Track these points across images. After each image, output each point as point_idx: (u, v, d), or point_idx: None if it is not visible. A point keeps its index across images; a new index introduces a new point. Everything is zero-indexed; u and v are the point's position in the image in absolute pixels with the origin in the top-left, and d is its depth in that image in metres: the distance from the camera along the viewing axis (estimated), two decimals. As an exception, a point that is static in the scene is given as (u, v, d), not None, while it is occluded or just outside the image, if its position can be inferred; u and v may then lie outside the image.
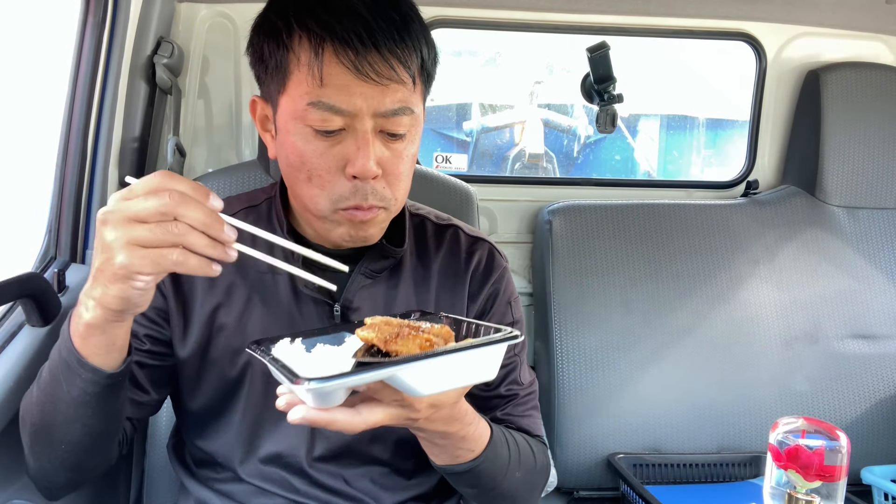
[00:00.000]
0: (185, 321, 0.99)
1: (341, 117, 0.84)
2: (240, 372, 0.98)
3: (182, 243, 0.69)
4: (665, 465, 1.75)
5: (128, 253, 0.68)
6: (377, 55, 0.82)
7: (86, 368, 0.78)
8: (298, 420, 0.70)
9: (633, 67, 2.28)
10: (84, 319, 0.75)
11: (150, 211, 0.68)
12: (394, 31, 0.83)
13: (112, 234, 0.69)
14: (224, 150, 1.80)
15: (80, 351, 0.78)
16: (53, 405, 0.83)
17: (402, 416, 0.75)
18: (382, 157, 0.87)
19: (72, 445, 0.85)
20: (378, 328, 0.72)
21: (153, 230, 0.68)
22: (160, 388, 1.01)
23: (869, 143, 1.90)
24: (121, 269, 0.69)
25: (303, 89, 0.84)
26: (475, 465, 0.88)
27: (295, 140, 0.87)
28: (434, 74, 0.94)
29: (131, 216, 0.68)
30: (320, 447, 0.99)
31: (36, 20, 1.66)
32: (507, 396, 1.06)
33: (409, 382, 0.68)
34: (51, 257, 1.35)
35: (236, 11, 1.72)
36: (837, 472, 0.94)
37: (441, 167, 3.12)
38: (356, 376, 0.66)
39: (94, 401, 0.81)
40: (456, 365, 0.70)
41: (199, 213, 0.69)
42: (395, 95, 0.85)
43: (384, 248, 0.99)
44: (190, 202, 0.69)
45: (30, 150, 1.72)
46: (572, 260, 1.82)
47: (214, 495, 1.02)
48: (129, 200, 0.69)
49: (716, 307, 1.82)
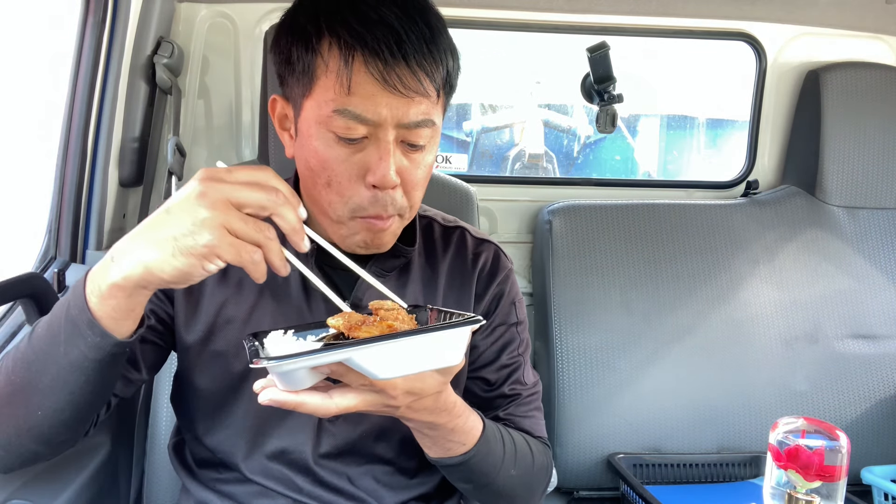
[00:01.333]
0: (193, 308, 0.99)
1: (365, 126, 0.84)
2: (245, 367, 0.98)
3: (265, 246, 0.69)
4: (665, 465, 1.75)
5: (219, 235, 0.67)
6: (405, 67, 0.83)
7: (95, 331, 0.74)
8: (267, 401, 0.72)
9: (632, 67, 2.28)
10: (112, 279, 0.71)
11: (255, 201, 0.68)
12: (423, 44, 0.84)
13: (208, 211, 0.67)
14: (224, 150, 1.80)
15: (95, 311, 0.74)
16: (43, 365, 0.78)
17: (378, 401, 0.75)
18: (401, 167, 0.88)
19: (50, 413, 0.80)
20: (347, 317, 0.74)
21: (248, 224, 0.68)
22: (151, 367, 1.01)
23: (869, 143, 1.90)
24: (205, 247, 0.67)
25: (329, 95, 0.84)
26: (467, 458, 0.89)
27: (317, 145, 0.87)
28: (456, 85, 0.95)
29: (233, 200, 0.68)
30: (326, 444, 0.99)
31: (36, 20, 1.66)
32: (509, 396, 1.06)
33: (366, 365, 0.69)
34: (51, 257, 1.36)
35: (236, 11, 1.72)
36: (837, 472, 0.94)
37: (441, 167, 3.12)
38: (310, 357, 0.67)
39: (90, 367, 0.77)
40: (412, 348, 0.70)
41: (294, 218, 0.70)
42: (420, 108, 0.85)
43: (395, 248, 0.99)
44: (289, 205, 0.70)
45: (30, 151, 1.72)
46: (572, 260, 1.82)
47: (216, 496, 1.02)
48: (228, 184, 0.68)
49: (716, 307, 1.82)
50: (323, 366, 0.70)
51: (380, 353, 0.69)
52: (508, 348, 1.07)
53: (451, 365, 0.74)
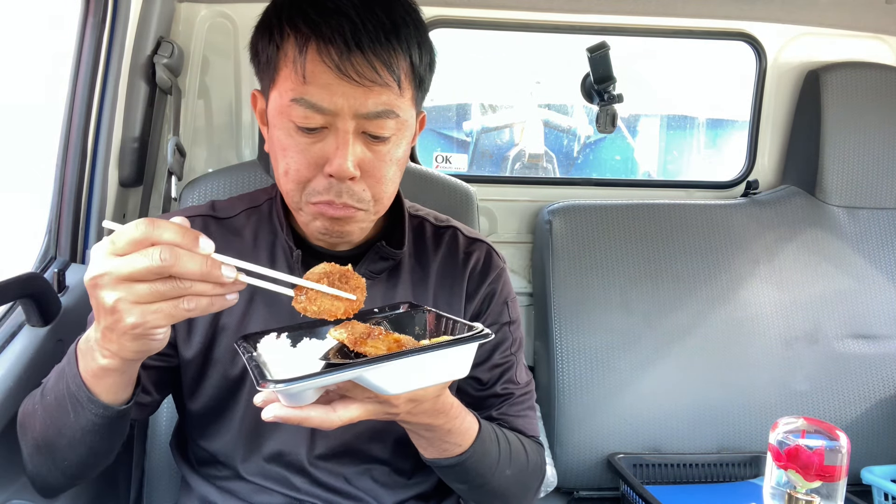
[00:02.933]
0: (189, 323, 0.99)
1: (322, 115, 0.85)
2: (241, 371, 0.99)
3: (189, 293, 0.66)
4: (665, 465, 1.75)
5: (139, 311, 0.66)
6: (360, 56, 0.83)
7: (96, 405, 0.79)
8: (271, 418, 0.71)
9: (633, 67, 2.28)
10: (100, 364, 0.75)
11: (145, 272, 0.65)
12: (380, 34, 0.84)
13: (112, 295, 0.66)
14: (224, 150, 1.80)
15: (92, 389, 0.78)
16: (58, 429, 0.83)
17: (380, 410, 0.76)
18: (364, 159, 0.88)
19: (74, 462, 0.87)
20: (351, 327, 0.73)
21: (157, 287, 0.65)
22: (162, 389, 1.02)
23: (869, 143, 1.90)
24: (135, 328, 0.67)
25: (288, 85, 0.85)
26: (463, 459, 0.89)
27: (279, 134, 0.89)
28: (428, 80, 0.93)
29: (125, 277, 0.65)
30: (321, 446, 0.99)
31: (36, 20, 1.66)
32: (502, 395, 1.06)
33: (377, 383, 0.69)
34: (51, 257, 1.35)
35: (236, 11, 1.72)
36: (837, 472, 0.94)
37: (441, 167, 3.12)
38: (321, 378, 0.67)
39: (103, 427, 0.81)
40: (422, 365, 0.71)
41: (195, 265, 0.65)
42: (379, 98, 0.85)
43: (383, 250, 0.99)
44: (182, 256, 0.65)
45: (30, 151, 1.72)
46: (572, 260, 1.82)
47: (217, 492, 1.03)
48: (116, 258, 0.65)
49: (716, 307, 1.82)
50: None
51: (390, 371, 0.69)
52: (500, 348, 1.06)
53: (458, 378, 0.75)
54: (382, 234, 1.03)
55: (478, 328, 0.74)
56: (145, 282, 0.65)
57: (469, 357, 0.74)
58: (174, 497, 1.33)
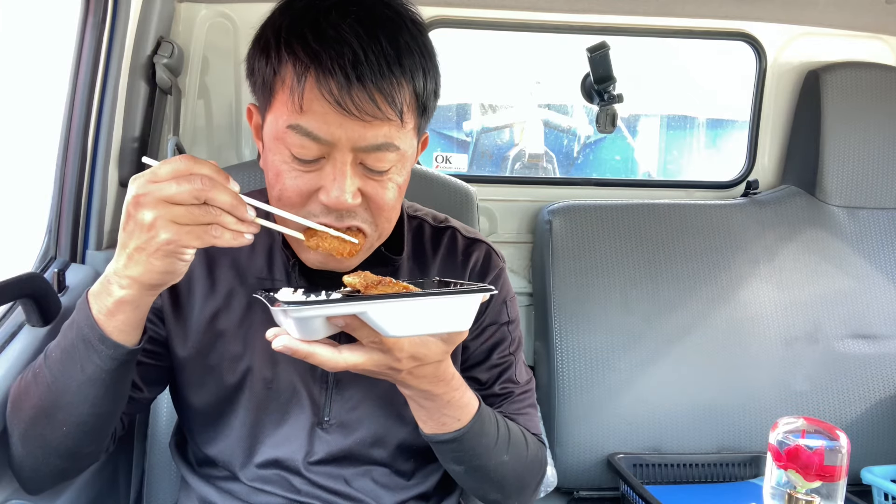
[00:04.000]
0: (183, 324, 0.99)
1: (319, 145, 0.82)
2: (240, 378, 0.99)
3: (218, 222, 0.74)
4: (665, 465, 1.75)
5: (174, 230, 0.73)
6: (361, 91, 0.79)
7: (107, 345, 0.82)
8: (280, 347, 0.75)
9: (633, 67, 2.28)
10: (116, 297, 0.79)
11: (185, 195, 0.73)
12: (383, 65, 0.80)
13: (151, 214, 0.73)
14: (224, 150, 1.80)
15: (104, 328, 0.81)
16: (64, 384, 0.85)
17: (383, 362, 0.77)
18: (365, 188, 0.86)
19: (74, 427, 0.87)
20: (364, 275, 0.79)
21: (192, 211, 0.73)
22: (153, 386, 1.02)
23: (869, 143, 1.90)
24: (168, 244, 0.73)
25: (284, 111, 0.83)
26: (460, 434, 0.90)
27: (274, 159, 0.86)
28: (432, 106, 0.90)
29: (166, 198, 0.73)
30: (320, 451, 0.99)
31: (36, 20, 1.66)
32: (501, 395, 1.06)
33: (379, 321, 0.72)
34: (51, 257, 1.35)
35: (236, 11, 1.72)
36: (837, 472, 0.94)
37: (441, 167, 3.13)
38: (329, 305, 0.72)
39: (108, 378, 0.84)
40: (425, 308, 0.74)
41: (227, 197, 0.75)
42: (379, 131, 0.82)
43: (382, 256, 0.99)
44: (218, 186, 0.74)
45: (30, 151, 1.72)
46: (572, 260, 1.82)
47: (216, 492, 1.03)
48: (157, 183, 0.73)
49: (716, 307, 1.82)
50: (338, 317, 0.73)
51: (394, 309, 0.72)
52: (499, 347, 1.06)
53: (459, 331, 0.78)
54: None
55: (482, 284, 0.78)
56: (183, 205, 0.73)
57: (472, 310, 0.77)
58: (174, 497, 1.33)
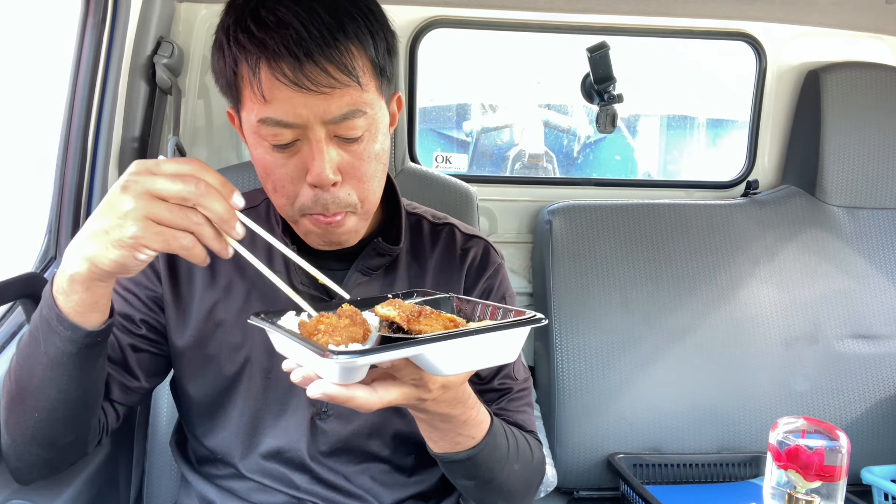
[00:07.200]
0: (183, 313, 0.99)
1: (291, 130, 0.84)
2: (238, 368, 0.99)
3: (195, 232, 0.71)
4: (665, 465, 1.75)
5: (143, 226, 0.69)
6: (313, 65, 0.80)
7: (65, 325, 0.78)
8: (319, 395, 0.69)
9: (633, 67, 2.28)
10: (69, 273, 0.76)
11: (173, 193, 0.70)
12: (327, 36, 0.81)
13: (130, 203, 0.70)
14: (224, 150, 1.80)
15: (62, 308, 0.78)
16: (30, 368, 0.83)
17: (416, 395, 0.75)
18: (342, 162, 0.87)
19: (45, 413, 0.85)
20: (398, 305, 0.73)
21: (172, 212, 0.70)
22: (151, 376, 1.02)
23: (869, 143, 1.90)
24: (131, 238, 0.70)
25: (252, 106, 0.84)
26: (474, 452, 0.88)
27: (258, 153, 0.88)
28: (390, 66, 0.90)
29: (153, 192, 0.70)
30: (320, 442, 0.99)
31: (36, 20, 1.66)
32: (500, 391, 1.06)
33: (434, 361, 0.68)
34: (51, 257, 1.36)
35: (236, 11, 1.72)
36: (837, 472, 0.94)
37: (441, 167, 3.12)
38: (386, 353, 0.65)
39: (70, 362, 0.81)
40: (482, 346, 0.69)
41: (220, 207, 0.71)
42: (342, 100, 0.83)
43: (380, 247, 1.00)
44: (214, 195, 0.71)
45: (30, 150, 1.72)
46: (572, 260, 1.82)
47: (216, 491, 1.03)
48: (154, 175, 0.70)
49: (716, 307, 1.82)
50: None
51: (450, 349, 0.67)
52: None
53: (508, 363, 0.74)
54: (379, 231, 1.03)
55: (531, 313, 0.74)
56: (167, 202, 0.70)
57: (522, 341, 0.73)
58: (174, 496, 1.33)
